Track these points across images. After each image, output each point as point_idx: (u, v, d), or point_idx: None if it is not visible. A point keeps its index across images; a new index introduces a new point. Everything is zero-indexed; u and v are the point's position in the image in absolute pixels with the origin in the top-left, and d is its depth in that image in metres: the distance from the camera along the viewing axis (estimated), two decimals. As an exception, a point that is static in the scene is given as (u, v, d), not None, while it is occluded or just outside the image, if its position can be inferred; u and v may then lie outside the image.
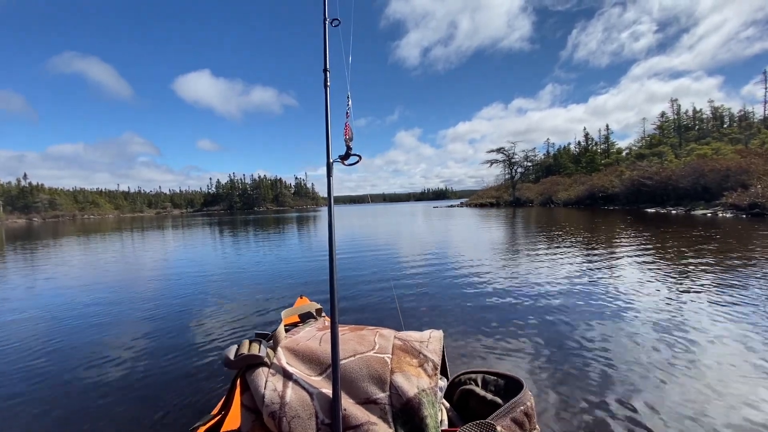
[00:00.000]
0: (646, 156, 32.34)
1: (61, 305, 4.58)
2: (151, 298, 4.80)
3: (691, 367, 2.34)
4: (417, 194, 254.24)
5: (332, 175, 0.99)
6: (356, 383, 0.78)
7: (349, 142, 1.00)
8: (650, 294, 4.00)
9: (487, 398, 0.88)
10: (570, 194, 34.68)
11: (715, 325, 3.05)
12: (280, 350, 0.89)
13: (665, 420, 1.81)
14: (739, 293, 3.86)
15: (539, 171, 54.34)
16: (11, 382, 2.52)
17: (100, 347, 3.13)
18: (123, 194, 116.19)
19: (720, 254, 6.05)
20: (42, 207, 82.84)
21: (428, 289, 4.64)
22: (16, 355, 3.01)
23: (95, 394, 2.31)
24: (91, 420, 2.02)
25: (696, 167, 20.03)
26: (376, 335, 0.93)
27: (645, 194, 24.00)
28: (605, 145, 48.78)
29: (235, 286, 5.35)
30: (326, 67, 1.03)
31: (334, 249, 0.91)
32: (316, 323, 1.12)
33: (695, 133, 38.16)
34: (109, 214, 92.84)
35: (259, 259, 8.15)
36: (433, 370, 0.84)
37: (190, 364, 2.68)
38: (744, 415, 1.82)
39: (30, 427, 1.99)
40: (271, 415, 0.73)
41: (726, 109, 41.38)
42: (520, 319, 3.37)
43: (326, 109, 1.00)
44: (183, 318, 3.87)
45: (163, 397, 2.22)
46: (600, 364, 2.43)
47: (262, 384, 0.78)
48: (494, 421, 0.72)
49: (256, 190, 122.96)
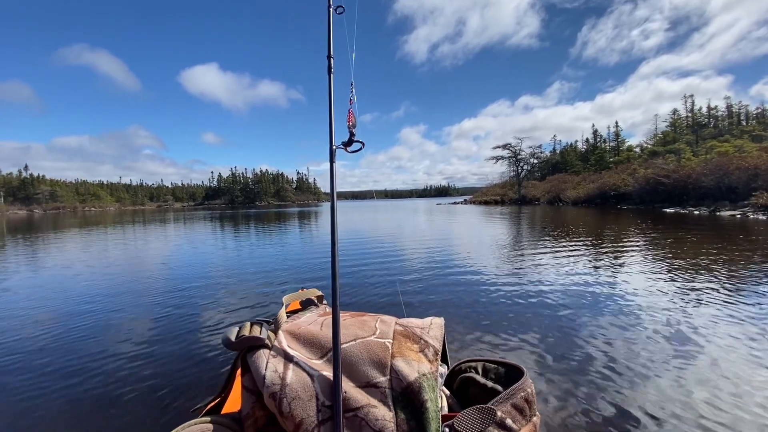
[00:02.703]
0: (659, 153, 31.18)
1: (65, 296, 4.59)
2: (155, 290, 4.84)
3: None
4: (419, 191, 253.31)
5: (335, 161, 0.99)
6: (357, 367, 0.78)
7: (353, 128, 1.00)
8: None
9: (487, 386, 0.87)
10: (579, 192, 33.66)
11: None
12: (281, 333, 0.88)
13: (667, 413, 1.82)
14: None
15: (545, 168, 53.12)
16: (21, 369, 2.57)
17: (106, 335, 3.20)
18: (125, 187, 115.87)
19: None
20: (43, 198, 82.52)
21: (431, 285, 4.62)
22: (27, 342, 3.06)
23: (100, 379, 2.37)
24: (97, 400, 2.10)
25: (720, 165, 18.94)
26: (377, 321, 0.92)
27: (661, 193, 22.94)
28: (615, 142, 47.57)
29: (236, 280, 5.32)
30: (330, 54, 1.05)
31: (336, 233, 0.91)
32: (318, 309, 1.12)
33: (712, 130, 36.88)
34: (110, 207, 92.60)
35: (260, 254, 8.01)
36: (433, 356, 0.83)
37: (191, 350, 2.76)
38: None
39: (43, 410, 2.03)
40: (271, 396, 0.74)
41: (744, 105, 40.10)
42: (527, 315, 3.35)
43: (329, 95, 1.01)
44: (182, 310, 3.87)
45: (165, 381, 2.30)
46: (602, 361, 2.41)
47: (263, 365, 0.78)
48: (495, 406, 0.72)
49: (258, 184, 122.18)
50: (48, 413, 2.00)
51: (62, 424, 1.91)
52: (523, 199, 42.41)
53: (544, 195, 39.57)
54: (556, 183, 40.17)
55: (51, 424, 1.92)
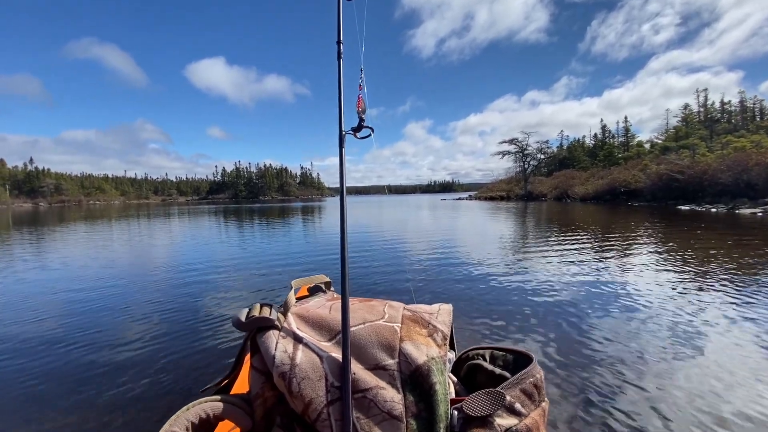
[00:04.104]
0: (672, 149, 30.41)
1: (72, 289, 4.51)
2: (162, 279, 4.92)
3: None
4: (423, 186, 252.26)
5: (344, 146, 0.98)
6: (366, 349, 0.78)
7: (362, 114, 1.00)
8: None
9: (495, 372, 0.87)
10: (588, 189, 33.05)
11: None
12: (291, 315, 0.89)
13: (672, 406, 1.83)
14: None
15: (552, 164, 52.26)
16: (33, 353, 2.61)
17: (116, 320, 3.28)
18: (130, 180, 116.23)
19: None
20: (48, 192, 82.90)
21: (439, 279, 4.60)
22: (38, 329, 3.09)
23: (108, 359, 2.45)
24: (104, 380, 2.18)
25: (738, 161, 18.28)
26: (385, 306, 0.93)
27: (675, 190, 22.30)
28: (624, 137, 46.65)
29: (244, 270, 5.34)
30: (339, 39, 1.05)
31: (345, 216, 0.91)
32: (326, 295, 1.12)
33: (726, 126, 35.93)
34: (114, 200, 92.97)
35: (266, 247, 8.01)
36: (442, 341, 0.84)
37: (199, 334, 2.84)
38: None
39: (57, 395, 2.07)
40: (281, 376, 0.74)
41: (759, 100, 39.00)
42: (536, 308, 3.35)
43: (339, 81, 1.01)
44: (191, 298, 3.94)
45: (174, 364, 2.36)
46: (610, 354, 2.42)
47: (272, 346, 0.78)
48: (504, 390, 0.72)
49: (262, 179, 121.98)
50: (58, 394, 2.06)
51: (72, 405, 1.95)
52: (529, 195, 41.83)
53: (551, 191, 38.95)
54: (564, 179, 39.53)
55: (62, 405, 1.96)
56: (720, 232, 8.78)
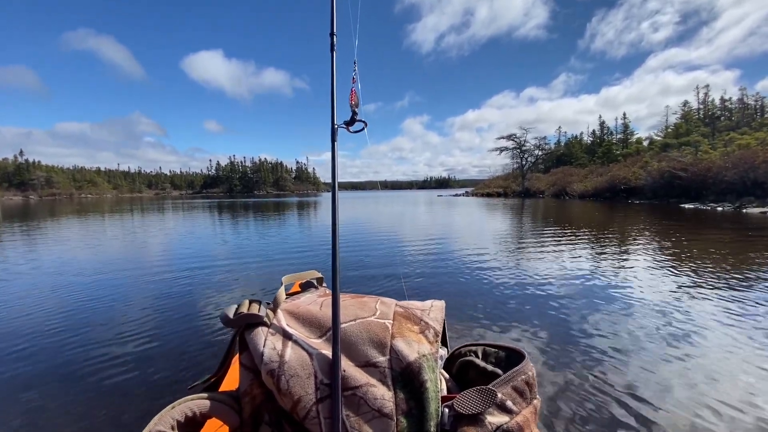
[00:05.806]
0: (672, 146, 30.02)
1: (68, 285, 4.40)
2: (153, 274, 4.82)
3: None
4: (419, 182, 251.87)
5: (336, 140, 0.97)
6: (356, 346, 0.77)
7: (355, 107, 0.98)
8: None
9: (487, 369, 0.86)
10: (586, 186, 32.68)
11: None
12: (280, 312, 0.88)
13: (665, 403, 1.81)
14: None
15: (549, 161, 51.85)
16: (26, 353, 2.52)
17: (105, 316, 3.20)
18: (123, 174, 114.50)
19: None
20: (38, 184, 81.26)
21: (433, 274, 4.58)
22: (34, 326, 3.00)
23: (97, 357, 2.39)
24: (92, 377, 2.14)
25: (744, 158, 17.84)
26: (377, 302, 0.92)
27: (677, 188, 21.89)
28: (623, 134, 46.30)
29: (236, 266, 5.28)
30: (333, 31, 1.04)
31: (337, 214, 0.91)
32: (317, 291, 1.10)
33: (727, 123, 35.60)
34: (107, 194, 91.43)
35: (259, 242, 7.86)
36: (434, 337, 0.83)
37: (188, 331, 2.79)
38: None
39: (43, 388, 2.04)
40: (269, 373, 0.73)
41: (761, 98, 38.68)
42: (528, 305, 3.33)
43: (332, 74, 0.99)
44: (181, 293, 3.90)
45: (162, 361, 2.32)
46: (602, 351, 2.40)
47: (261, 342, 0.77)
48: (495, 387, 0.72)
49: (257, 173, 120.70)
50: (46, 391, 2.03)
51: (58, 401, 1.92)
52: (526, 192, 41.43)
53: (548, 188, 38.58)
54: (562, 176, 39.15)
55: (49, 401, 1.93)
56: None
